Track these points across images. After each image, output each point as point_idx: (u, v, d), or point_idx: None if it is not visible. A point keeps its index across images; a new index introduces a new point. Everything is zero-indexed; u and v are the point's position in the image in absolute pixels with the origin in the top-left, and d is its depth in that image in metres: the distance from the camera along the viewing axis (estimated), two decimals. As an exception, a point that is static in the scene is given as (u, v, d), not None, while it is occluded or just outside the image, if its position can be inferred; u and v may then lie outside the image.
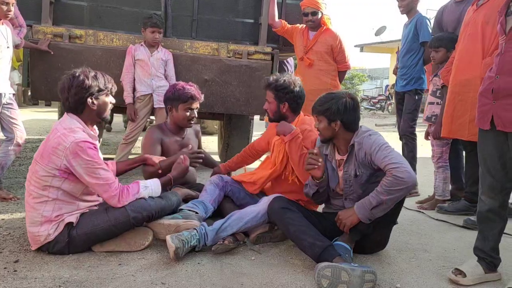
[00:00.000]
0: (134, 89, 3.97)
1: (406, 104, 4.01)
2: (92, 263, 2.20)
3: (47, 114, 10.06)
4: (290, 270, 2.23)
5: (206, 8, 4.28)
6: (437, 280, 2.21)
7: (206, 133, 8.30)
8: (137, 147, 5.12)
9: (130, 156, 4.05)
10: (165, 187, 2.63)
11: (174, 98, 3.01)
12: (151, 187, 2.46)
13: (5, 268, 2.07)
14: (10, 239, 2.45)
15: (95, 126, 2.45)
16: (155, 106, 4.00)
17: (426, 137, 3.70)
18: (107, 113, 2.43)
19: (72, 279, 2.00)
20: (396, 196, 2.15)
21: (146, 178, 2.67)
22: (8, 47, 3.29)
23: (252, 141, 5.22)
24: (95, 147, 2.25)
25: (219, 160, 5.09)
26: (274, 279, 2.11)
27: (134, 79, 3.96)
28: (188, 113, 3.02)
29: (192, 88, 3.04)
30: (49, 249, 2.25)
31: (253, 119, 4.89)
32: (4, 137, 3.34)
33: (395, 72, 4.22)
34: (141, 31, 3.94)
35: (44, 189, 2.22)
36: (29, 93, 5.57)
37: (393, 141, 4.32)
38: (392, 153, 2.23)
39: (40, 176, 2.21)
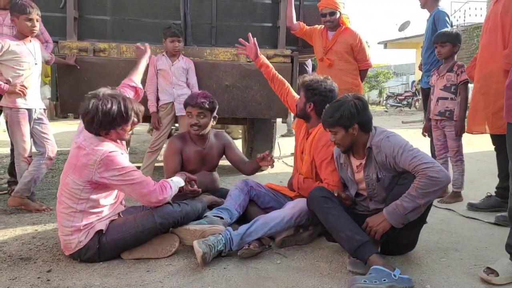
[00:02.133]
0: (158, 99, 4.06)
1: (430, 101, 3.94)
2: (121, 270, 2.25)
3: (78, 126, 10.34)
4: (316, 273, 2.22)
5: (224, 14, 4.32)
6: (468, 279, 2.15)
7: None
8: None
9: (156, 165, 4.13)
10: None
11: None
12: (174, 180, 2.54)
13: (38, 277, 2.14)
14: (44, 249, 2.54)
15: None
16: (177, 114, 4.07)
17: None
18: (128, 136, 2.51)
19: (103, 287, 2.05)
20: (432, 197, 2.12)
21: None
22: (36, 63, 3.41)
23: (276, 143, 5.24)
24: (121, 154, 2.33)
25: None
26: (300, 283, 2.11)
27: (158, 89, 4.05)
28: (189, 119, 3.05)
29: (192, 95, 3.14)
30: (81, 256, 2.33)
31: (275, 122, 4.90)
32: (37, 151, 3.47)
33: (420, 68, 4.18)
34: (162, 41, 4.03)
35: (74, 201, 2.29)
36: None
37: (421, 138, 4.24)
38: (420, 153, 2.16)
39: (70, 189, 2.29)
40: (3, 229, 2.87)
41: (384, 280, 1.94)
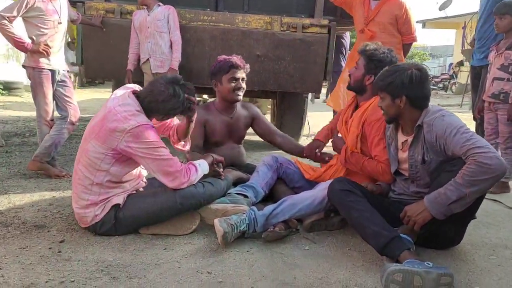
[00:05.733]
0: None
1: (483, 79, 3.59)
2: (137, 246, 2.10)
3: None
4: (349, 263, 2.01)
5: (259, -21, 4.05)
6: (523, 283, 1.89)
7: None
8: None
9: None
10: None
11: (216, 71, 2.79)
12: (201, 165, 2.35)
13: (50, 248, 2.02)
14: (59, 217, 2.42)
15: None
16: (152, 72, 3.85)
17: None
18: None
19: (116, 263, 1.91)
20: (481, 187, 1.82)
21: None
22: (61, 22, 3.25)
23: (306, 120, 5.00)
24: (152, 127, 2.15)
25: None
26: (330, 274, 1.90)
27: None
28: (233, 84, 2.79)
29: (234, 58, 2.80)
30: (96, 230, 2.19)
31: (307, 97, 4.63)
32: (59, 115, 3.35)
33: (472, 44, 3.81)
34: (190, 5, 3.82)
35: (91, 172, 2.14)
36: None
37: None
38: (475, 137, 1.87)
39: (90, 157, 2.13)
40: (20, 194, 2.78)
41: (418, 266, 1.74)
